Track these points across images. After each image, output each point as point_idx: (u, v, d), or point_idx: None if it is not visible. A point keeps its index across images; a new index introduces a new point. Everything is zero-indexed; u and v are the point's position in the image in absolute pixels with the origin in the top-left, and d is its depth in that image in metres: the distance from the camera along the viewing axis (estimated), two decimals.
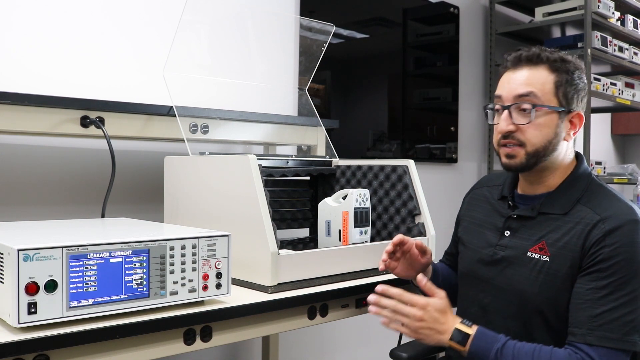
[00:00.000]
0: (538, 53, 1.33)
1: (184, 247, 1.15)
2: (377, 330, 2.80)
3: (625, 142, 5.01)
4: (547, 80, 1.30)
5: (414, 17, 3.13)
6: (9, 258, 0.97)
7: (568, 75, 1.30)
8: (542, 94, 1.29)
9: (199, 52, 1.98)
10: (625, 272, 1.19)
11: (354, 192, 1.63)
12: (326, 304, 1.42)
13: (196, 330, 1.18)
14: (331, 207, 1.66)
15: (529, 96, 1.29)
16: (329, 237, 1.66)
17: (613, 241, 1.21)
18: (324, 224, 1.66)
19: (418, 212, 1.69)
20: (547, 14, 3.38)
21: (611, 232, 1.21)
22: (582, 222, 1.26)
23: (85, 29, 1.84)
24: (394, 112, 3.04)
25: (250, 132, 1.95)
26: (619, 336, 1.18)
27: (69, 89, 1.69)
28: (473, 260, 1.43)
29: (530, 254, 1.30)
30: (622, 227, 1.21)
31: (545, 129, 1.29)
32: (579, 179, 1.33)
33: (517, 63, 1.34)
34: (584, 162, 1.37)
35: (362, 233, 1.65)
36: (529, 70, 1.32)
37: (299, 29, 2.37)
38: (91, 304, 1.03)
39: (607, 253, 1.20)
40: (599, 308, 1.19)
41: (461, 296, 1.49)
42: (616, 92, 3.57)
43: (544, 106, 1.29)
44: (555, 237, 1.28)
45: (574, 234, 1.26)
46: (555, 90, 1.29)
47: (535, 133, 1.29)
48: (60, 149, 1.82)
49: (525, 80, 1.31)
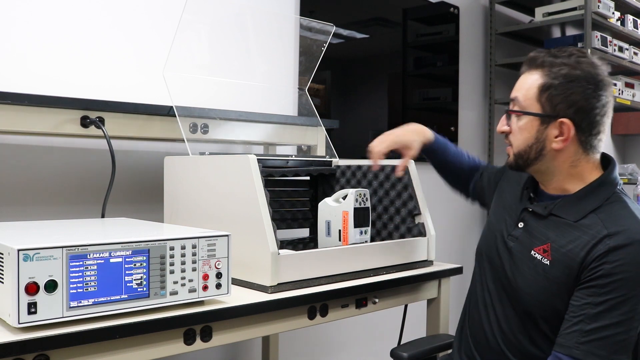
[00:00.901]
0: (536, 57, 1.30)
1: (184, 247, 1.15)
2: (377, 330, 2.81)
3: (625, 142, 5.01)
4: (532, 85, 1.28)
5: (414, 17, 3.13)
6: (9, 258, 0.97)
7: (558, 80, 1.24)
8: (525, 99, 1.29)
9: (199, 52, 1.98)
10: (624, 292, 1.17)
11: (353, 192, 1.63)
12: (326, 304, 1.42)
13: (196, 330, 1.18)
14: (331, 207, 1.66)
15: (514, 101, 1.32)
16: (329, 237, 1.66)
17: (615, 258, 1.18)
18: (324, 224, 1.66)
19: (418, 212, 1.69)
20: (547, 14, 3.38)
21: (615, 249, 1.18)
22: (589, 233, 1.22)
23: (85, 29, 1.84)
24: (394, 112, 3.04)
25: (250, 132, 1.95)
26: (606, 354, 1.16)
27: (69, 89, 1.69)
28: (489, 241, 1.44)
29: (533, 253, 1.30)
30: (628, 245, 1.18)
31: (524, 133, 1.30)
32: (601, 189, 1.28)
33: (525, 66, 1.34)
34: (613, 172, 1.30)
35: (362, 233, 1.65)
36: (525, 74, 1.32)
37: (299, 29, 2.37)
38: (91, 304, 1.03)
39: (608, 270, 1.18)
40: (592, 324, 1.18)
41: (474, 274, 1.50)
42: (616, 92, 3.57)
43: (519, 111, 1.30)
44: (561, 242, 1.26)
45: (579, 243, 1.23)
46: (538, 95, 1.27)
47: (517, 136, 1.32)
48: (60, 149, 1.82)
49: (517, 84, 1.33)
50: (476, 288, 1.47)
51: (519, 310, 1.32)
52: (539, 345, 1.30)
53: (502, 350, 1.35)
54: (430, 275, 1.67)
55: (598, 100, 1.25)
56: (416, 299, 1.68)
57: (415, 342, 1.57)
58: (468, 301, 1.50)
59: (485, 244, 1.46)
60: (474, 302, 1.46)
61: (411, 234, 1.69)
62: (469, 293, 1.50)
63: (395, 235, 1.73)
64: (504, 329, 1.35)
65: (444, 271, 1.70)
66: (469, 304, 1.49)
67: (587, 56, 1.28)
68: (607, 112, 1.27)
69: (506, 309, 1.36)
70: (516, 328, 1.33)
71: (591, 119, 1.25)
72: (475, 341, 1.43)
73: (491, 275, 1.41)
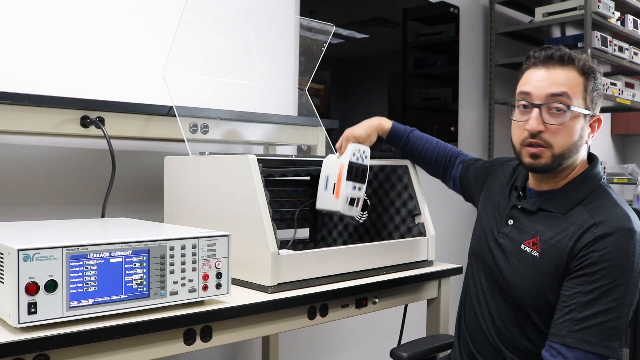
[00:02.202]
0: (569, 54, 1.29)
1: (184, 247, 1.15)
2: (377, 330, 2.81)
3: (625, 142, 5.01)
4: (578, 82, 1.28)
5: (414, 17, 3.13)
6: (9, 258, 0.97)
7: (595, 80, 1.30)
8: (574, 95, 1.27)
9: (199, 52, 1.98)
10: (612, 278, 1.19)
11: (352, 146, 1.60)
12: (326, 304, 1.42)
13: (196, 330, 1.18)
14: (330, 160, 1.61)
15: (563, 96, 1.26)
16: (325, 190, 1.60)
17: (603, 246, 1.20)
18: (324, 179, 1.60)
19: (418, 212, 1.70)
20: (547, 14, 3.38)
21: (602, 238, 1.21)
22: (576, 223, 1.26)
23: (85, 29, 1.84)
24: (394, 112, 3.04)
25: (250, 132, 1.95)
26: (598, 341, 1.17)
27: (69, 89, 1.69)
28: (480, 240, 1.46)
29: (523, 247, 1.32)
30: (614, 233, 1.20)
31: (573, 132, 1.28)
32: (586, 181, 1.32)
33: (547, 61, 1.29)
34: (596, 166, 1.35)
35: (355, 189, 1.58)
36: (561, 70, 1.28)
37: (299, 29, 2.37)
38: (91, 304, 1.03)
39: (596, 258, 1.20)
40: (583, 312, 1.19)
41: (467, 273, 1.52)
42: (616, 92, 3.57)
43: (577, 108, 1.27)
44: (549, 234, 1.29)
45: (567, 234, 1.26)
46: (584, 93, 1.29)
47: (565, 135, 1.27)
48: (60, 149, 1.82)
49: (559, 79, 1.27)
50: (469, 286, 1.48)
51: (512, 304, 1.34)
52: (532, 339, 1.32)
53: (498, 345, 1.37)
54: (430, 275, 1.67)
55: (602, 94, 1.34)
56: (416, 299, 1.69)
57: (415, 342, 1.57)
58: (463, 299, 1.51)
59: (477, 243, 1.48)
60: (468, 300, 1.48)
61: (411, 234, 1.69)
62: (463, 292, 1.52)
63: (395, 235, 1.73)
64: (497, 324, 1.37)
65: (444, 271, 1.70)
66: (464, 302, 1.50)
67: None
68: None
69: (499, 304, 1.37)
70: (509, 323, 1.35)
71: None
72: (473, 339, 1.44)
73: (483, 272, 1.43)
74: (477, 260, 1.46)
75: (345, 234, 1.90)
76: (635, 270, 1.20)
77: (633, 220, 1.24)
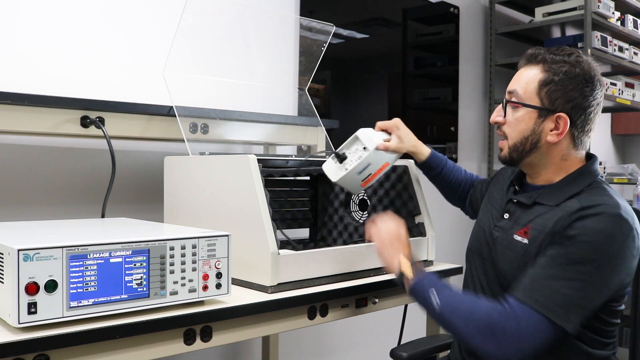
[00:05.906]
0: (537, 53, 1.35)
1: (184, 247, 1.15)
2: (377, 330, 2.81)
3: (625, 142, 5.01)
4: (533, 79, 1.32)
5: (414, 17, 3.13)
6: (9, 258, 0.97)
7: (558, 76, 1.29)
8: (524, 92, 1.33)
9: (199, 52, 1.98)
10: (585, 254, 1.18)
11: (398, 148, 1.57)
12: (326, 304, 1.42)
13: (196, 330, 1.18)
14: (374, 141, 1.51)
15: (512, 93, 1.36)
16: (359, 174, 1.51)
17: (583, 224, 1.20)
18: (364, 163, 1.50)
19: (418, 212, 1.69)
20: (547, 14, 3.38)
21: (585, 217, 1.20)
22: (565, 210, 1.25)
23: (85, 28, 1.84)
24: (394, 112, 3.04)
25: (250, 132, 1.95)
26: (549, 304, 1.16)
27: (69, 89, 1.69)
28: (478, 238, 1.46)
29: (515, 237, 1.33)
30: (599, 215, 1.20)
31: (521, 125, 1.33)
32: (582, 177, 1.32)
33: (520, 61, 1.39)
34: (594, 165, 1.36)
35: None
36: (524, 68, 1.36)
37: (299, 29, 2.37)
38: (91, 304, 1.03)
39: (573, 231, 1.20)
40: (543, 272, 1.20)
41: (465, 273, 1.52)
42: (616, 92, 3.57)
43: (520, 103, 1.33)
44: (540, 222, 1.29)
45: (556, 220, 1.26)
46: (538, 89, 1.31)
47: (513, 128, 1.35)
48: (60, 149, 1.82)
49: (521, 78, 1.35)
50: (468, 286, 1.48)
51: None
52: None
53: None
54: None
55: (594, 99, 1.31)
56: None
57: (415, 342, 1.57)
58: None
59: (474, 240, 1.49)
60: None
61: (411, 234, 1.69)
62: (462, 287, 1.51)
63: None
64: None
65: (444, 271, 1.70)
66: None
67: (585, 56, 1.34)
68: (599, 112, 1.35)
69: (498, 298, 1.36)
70: None
71: (585, 117, 1.32)
72: None
73: (482, 268, 1.43)
74: (475, 257, 1.46)
75: (345, 234, 1.90)
76: (616, 255, 1.19)
77: (623, 207, 1.22)
